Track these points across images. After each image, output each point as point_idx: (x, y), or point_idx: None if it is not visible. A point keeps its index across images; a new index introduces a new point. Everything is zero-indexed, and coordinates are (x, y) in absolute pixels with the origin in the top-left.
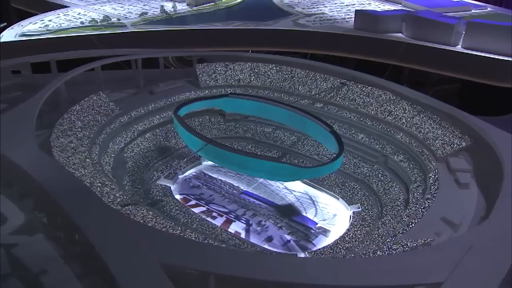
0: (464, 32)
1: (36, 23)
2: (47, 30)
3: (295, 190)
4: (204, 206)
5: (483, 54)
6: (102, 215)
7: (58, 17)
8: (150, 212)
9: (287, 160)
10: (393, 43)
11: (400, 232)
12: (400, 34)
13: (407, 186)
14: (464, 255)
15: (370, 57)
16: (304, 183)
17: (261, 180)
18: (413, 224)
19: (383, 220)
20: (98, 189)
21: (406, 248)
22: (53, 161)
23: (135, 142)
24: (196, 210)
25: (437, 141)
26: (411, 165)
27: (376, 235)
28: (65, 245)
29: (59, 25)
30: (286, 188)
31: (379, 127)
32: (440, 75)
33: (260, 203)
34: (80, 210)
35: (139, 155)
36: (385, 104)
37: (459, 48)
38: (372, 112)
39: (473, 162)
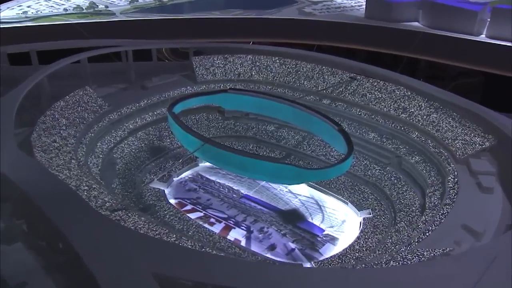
0: (488, 19)
1: (13, 8)
2: (26, 17)
3: (300, 194)
4: (201, 211)
5: (510, 44)
6: (89, 221)
7: (38, 2)
8: (142, 218)
9: (291, 161)
10: (408, 33)
11: (416, 240)
12: (416, 23)
13: (423, 190)
14: (488, 267)
15: (383, 49)
16: (310, 186)
17: (263, 183)
18: (430, 232)
19: (396, 227)
20: (85, 193)
21: (423, 259)
22: (35, 162)
23: (126, 141)
24: (193, 215)
25: (456, 141)
26: (427, 167)
27: (389, 244)
28: (48, 255)
29: (39, 12)
30: (290, 192)
31: (392, 125)
32: (461, 68)
33: (262, 208)
34: (65, 216)
35: (130, 155)
36: (399, 100)
37: (483, 37)
38: (385, 109)
39: (497, 164)
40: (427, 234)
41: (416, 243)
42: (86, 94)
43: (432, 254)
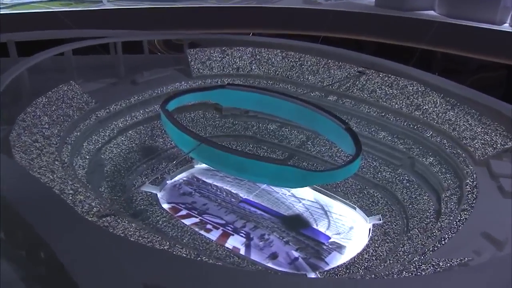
0: None
1: None
2: (3, 4)
3: (304, 198)
4: (196, 217)
5: None
6: (74, 228)
7: None
8: (133, 225)
9: (294, 162)
10: (423, 22)
11: (431, 249)
12: (431, 12)
13: (438, 194)
14: (511, 280)
15: (394, 41)
16: (314, 190)
17: (264, 186)
18: (446, 240)
19: (409, 234)
20: (70, 198)
21: (438, 269)
22: (13, 164)
23: (115, 141)
24: (188, 221)
25: (475, 141)
26: (443, 169)
27: (401, 253)
28: (28, 265)
29: None
30: (294, 196)
31: (404, 123)
32: (481, 61)
33: (263, 213)
34: (47, 223)
35: (120, 156)
36: (412, 97)
37: (506, 27)
38: (396, 106)
39: None
40: (443, 242)
41: (430, 252)
42: (71, 89)
43: (448, 264)
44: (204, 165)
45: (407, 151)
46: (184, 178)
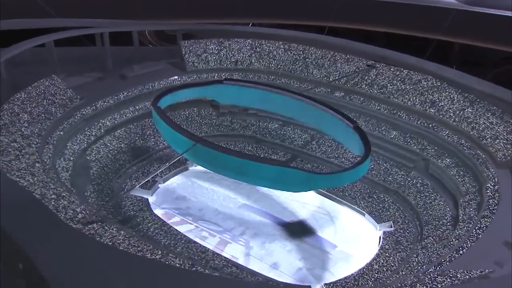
0: None
1: None
2: None
3: (308, 203)
4: (191, 224)
5: None
6: (57, 236)
7: None
8: (122, 232)
9: (297, 164)
10: (439, 10)
11: (447, 259)
12: None
13: (455, 199)
14: None
15: (407, 31)
16: (319, 194)
17: (265, 190)
18: (464, 250)
19: (423, 243)
20: (52, 203)
21: (456, 281)
22: None
23: (102, 141)
24: (182, 228)
25: (497, 141)
26: (461, 172)
27: (414, 263)
28: (5, 278)
29: None
30: (297, 201)
31: (418, 122)
32: (504, 53)
33: (263, 219)
34: (27, 231)
35: (107, 158)
36: (426, 93)
37: None
38: (409, 102)
39: None
40: (461, 252)
41: (447, 263)
42: (53, 84)
43: (467, 276)
44: (199, 167)
45: (421, 152)
46: (178, 182)
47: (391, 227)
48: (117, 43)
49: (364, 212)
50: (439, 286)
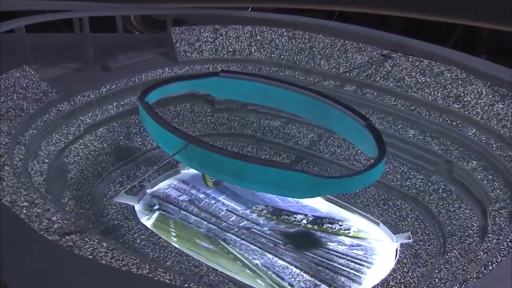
0: None
1: None
2: None
3: (314, 210)
4: (185, 236)
5: None
6: (29, 249)
7: None
8: (104, 244)
9: (303, 167)
10: None
11: (474, 276)
12: None
13: (483, 207)
14: None
15: (428, 16)
16: (328, 201)
17: (266, 196)
18: (493, 265)
19: (446, 257)
20: (24, 211)
21: None
22: None
23: (82, 141)
24: (172, 239)
25: None
26: (489, 176)
27: (436, 280)
28: None
29: None
30: (302, 208)
31: (440, 119)
32: None
33: (264, 229)
34: None
35: (88, 160)
36: (450, 86)
37: None
38: (430, 97)
39: None
40: (490, 268)
41: (474, 280)
42: (25, 76)
43: None
44: (192, 170)
45: (443, 153)
46: (168, 187)
47: (409, 238)
48: (99, 30)
49: (378, 221)
50: None
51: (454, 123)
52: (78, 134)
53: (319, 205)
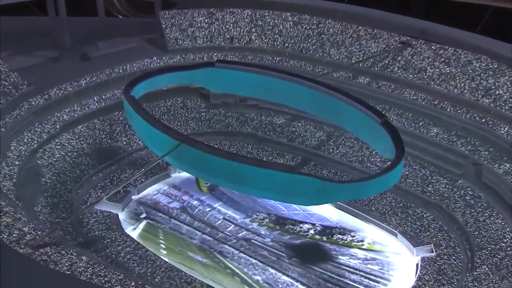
0: None
1: None
2: None
3: (323, 219)
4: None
5: None
6: None
7: None
8: (84, 258)
9: (310, 170)
10: None
11: None
12: None
13: None
14: None
15: None
16: (338, 208)
17: (269, 202)
18: None
19: (475, 273)
20: None
21: None
22: None
23: (58, 140)
24: (161, 252)
25: None
26: None
27: None
28: None
29: None
30: (309, 217)
31: (467, 115)
32: None
33: (266, 240)
34: None
35: (65, 162)
36: (479, 77)
37: None
38: (455, 90)
39: None
40: None
41: None
42: None
43: None
44: (184, 174)
45: (471, 154)
46: (157, 192)
47: (432, 251)
48: (76, 13)
49: (396, 232)
50: None
51: (483, 120)
52: (54, 132)
53: (329, 213)
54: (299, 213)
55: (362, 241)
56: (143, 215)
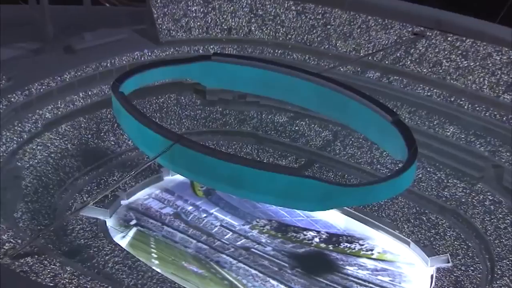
0: None
1: None
2: None
3: (329, 226)
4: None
5: None
6: None
7: None
8: (68, 268)
9: (315, 173)
10: None
11: None
12: None
13: None
14: None
15: None
16: (346, 214)
17: (270, 208)
18: None
19: (495, 285)
20: None
21: None
22: None
23: (39, 140)
24: (153, 262)
25: None
26: None
27: None
28: None
29: None
30: (314, 223)
31: (487, 113)
32: None
33: (267, 249)
34: None
35: (47, 164)
36: (499, 71)
37: None
38: (474, 86)
39: None
40: None
41: None
42: None
43: None
44: (178, 177)
45: (490, 155)
46: (148, 197)
47: (448, 262)
48: (60, 1)
49: (409, 240)
50: None
51: (504, 118)
52: (35, 131)
53: (335, 219)
54: (302, 219)
55: (372, 250)
56: (133, 222)
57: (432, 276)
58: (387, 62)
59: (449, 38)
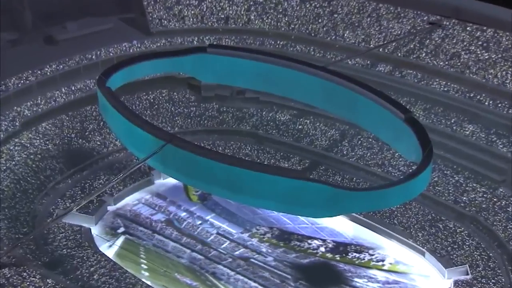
0: None
1: None
2: None
3: (336, 235)
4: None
5: None
6: None
7: None
8: (49, 281)
9: (320, 176)
10: None
11: None
12: None
13: None
14: None
15: None
16: (354, 221)
17: (271, 214)
18: None
19: None
20: None
21: None
22: None
23: (17, 140)
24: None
25: None
26: None
27: None
28: None
29: None
30: (319, 231)
31: (510, 110)
32: None
33: (268, 259)
34: None
35: (26, 166)
36: None
37: None
38: (495, 80)
39: None
40: None
41: None
42: None
43: None
44: (171, 180)
45: None
46: (137, 202)
47: (467, 274)
48: None
49: (423, 250)
50: None
51: None
52: (13, 130)
53: (342, 227)
54: (307, 227)
55: (383, 260)
56: (121, 230)
57: None
58: (399, 54)
59: (468, 28)
